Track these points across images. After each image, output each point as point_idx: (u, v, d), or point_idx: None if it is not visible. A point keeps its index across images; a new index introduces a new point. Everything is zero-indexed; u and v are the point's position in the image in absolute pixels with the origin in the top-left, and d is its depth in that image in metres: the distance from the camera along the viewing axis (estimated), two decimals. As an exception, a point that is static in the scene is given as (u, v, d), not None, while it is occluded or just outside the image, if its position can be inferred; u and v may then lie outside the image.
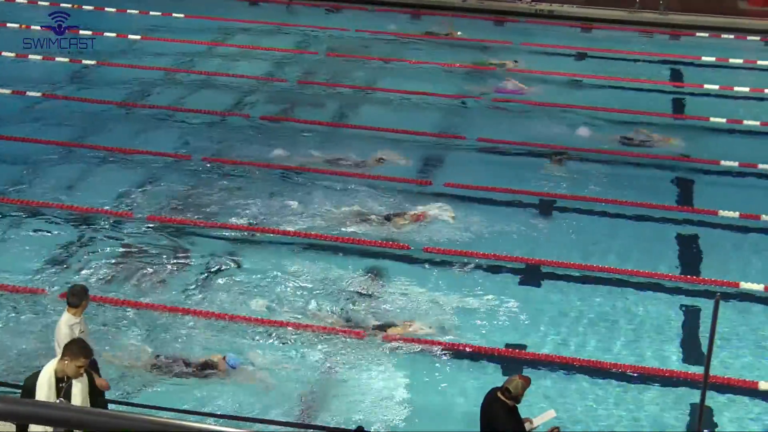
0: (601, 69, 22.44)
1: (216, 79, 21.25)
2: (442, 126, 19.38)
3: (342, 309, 12.87)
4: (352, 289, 13.32)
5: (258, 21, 24.82)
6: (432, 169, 17.38)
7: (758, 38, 24.87)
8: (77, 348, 8.60)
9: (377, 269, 13.92)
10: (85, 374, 8.66)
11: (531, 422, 9.48)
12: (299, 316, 12.68)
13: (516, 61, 22.47)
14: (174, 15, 24.92)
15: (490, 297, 13.19)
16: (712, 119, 19.57)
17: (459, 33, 24.48)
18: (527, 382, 9.14)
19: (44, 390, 8.54)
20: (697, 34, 24.99)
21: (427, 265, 14.09)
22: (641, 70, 22.45)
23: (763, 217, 15.59)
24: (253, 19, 24.99)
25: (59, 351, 9.18)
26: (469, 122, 19.55)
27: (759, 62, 23.09)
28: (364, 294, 13.26)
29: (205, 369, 11.49)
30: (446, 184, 16.61)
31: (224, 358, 11.61)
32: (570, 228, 15.33)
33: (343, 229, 14.87)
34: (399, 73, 22.05)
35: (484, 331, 12.53)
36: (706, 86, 21.35)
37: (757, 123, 19.49)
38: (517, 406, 9.13)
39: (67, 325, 9.83)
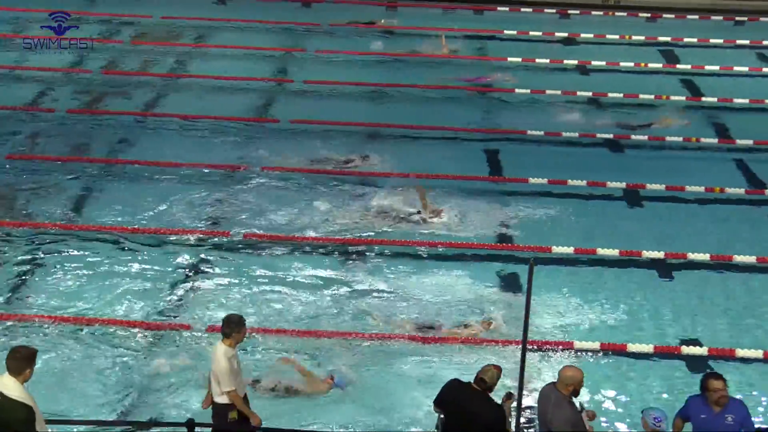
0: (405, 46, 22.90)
1: (14, 72, 20.38)
2: (257, 110, 19.32)
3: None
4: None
5: (57, 10, 23.89)
6: (249, 153, 17.28)
7: (554, 11, 25.95)
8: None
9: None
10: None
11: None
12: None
13: (444, 44, 22.59)
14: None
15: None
16: (517, 90, 20.32)
17: (382, 21, 24.48)
18: (500, 371, 9.10)
19: None
20: (499, 8, 25.86)
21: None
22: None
23: (570, 181, 16.27)
24: (52, 8, 24.03)
25: (216, 386, 9.32)
26: (282, 105, 19.56)
27: (556, 34, 24.11)
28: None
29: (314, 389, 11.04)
30: (264, 168, 16.59)
31: (332, 378, 11.12)
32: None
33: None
34: (209, 59, 21.81)
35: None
36: (509, 59, 22.13)
37: (559, 92, 20.33)
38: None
39: (225, 358, 9.34)
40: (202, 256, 13.88)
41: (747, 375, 11.60)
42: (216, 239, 14.28)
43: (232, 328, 9.38)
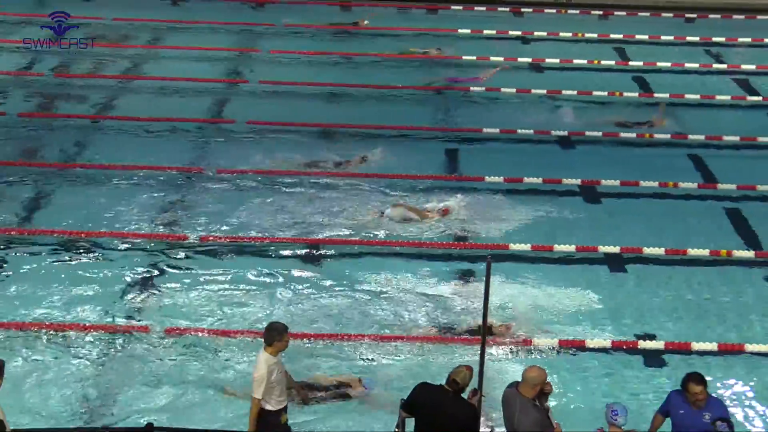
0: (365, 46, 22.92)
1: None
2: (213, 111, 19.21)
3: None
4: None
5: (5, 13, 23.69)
6: (205, 155, 17.18)
7: (508, 9, 26.10)
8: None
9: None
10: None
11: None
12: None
13: (439, 48, 22.57)
14: None
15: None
16: (473, 89, 20.40)
17: (366, 22, 24.40)
18: (472, 372, 9.08)
19: None
20: (453, 7, 25.96)
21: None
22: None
23: (526, 179, 16.36)
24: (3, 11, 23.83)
25: (256, 391, 9.27)
26: (238, 106, 19.47)
27: (510, 32, 24.25)
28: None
29: (340, 389, 10.95)
30: (219, 171, 16.49)
31: (360, 380, 11.02)
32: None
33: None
34: (163, 60, 21.66)
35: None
36: (464, 57, 22.20)
37: (513, 90, 20.44)
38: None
39: (265, 365, 9.30)
40: (159, 259, 13.76)
41: (702, 368, 11.71)
42: (172, 242, 14.18)
43: (274, 336, 9.38)
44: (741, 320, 12.83)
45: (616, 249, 14.28)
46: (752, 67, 22.34)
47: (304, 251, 14.11)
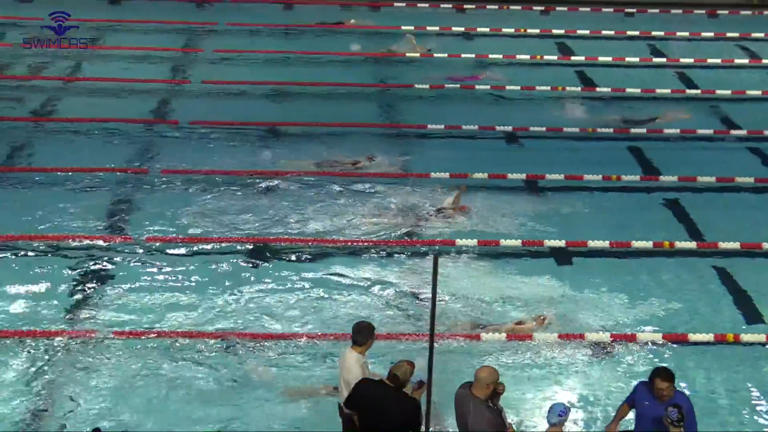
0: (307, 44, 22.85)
1: None
2: (156, 112, 19.03)
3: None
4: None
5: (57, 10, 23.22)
6: (149, 156, 17.01)
7: (450, 6, 26.19)
8: None
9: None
10: None
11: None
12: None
13: (429, 49, 22.54)
14: None
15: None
16: (417, 86, 20.46)
17: (352, 21, 24.36)
18: (413, 367, 9.08)
19: None
20: (396, 4, 26.05)
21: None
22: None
23: (471, 175, 16.43)
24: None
25: (346, 393, 9.25)
26: (181, 106, 19.31)
27: (453, 29, 24.34)
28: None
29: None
30: (164, 171, 16.35)
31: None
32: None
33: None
34: (104, 61, 21.39)
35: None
36: (407, 54, 22.32)
37: (458, 86, 20.52)
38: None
39: (358, 365, 9.36)
40: (103, 261, 13.59)
41: (647, 358, 11.90)
42: (117, 244, 14.01)
43: (365, 335, 9.49)
44: (688, 311, 13.01)
45: (561, 242, 14.41)
46: (690, 60, 22.70)
47: (248, 250, 14.03)
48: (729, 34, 24.65)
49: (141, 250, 13.90)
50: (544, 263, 14.02)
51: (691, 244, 14.59)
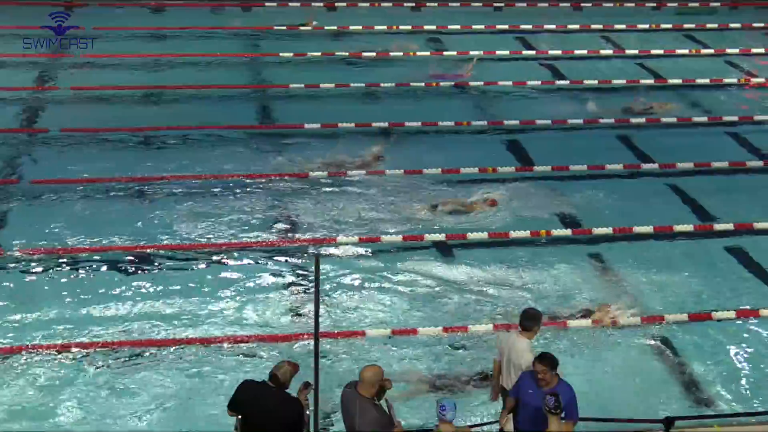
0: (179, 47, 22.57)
1: None
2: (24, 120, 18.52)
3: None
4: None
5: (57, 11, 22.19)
6: (18, 166, 16.55)
7: (321, 4, 26.27)
8: None
9: None
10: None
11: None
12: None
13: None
14: None
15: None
16: (292, 86, 20.47)
17: (315, 23, 24.13)
18: (295, 368, 8.99)
19: None
20: (267, 4, 25.96)
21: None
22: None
23: (348, 172, 16.53)
24: None
25: (511, 377, 9.68)
26: (50, 114, 18.83)
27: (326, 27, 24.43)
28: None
29: (484, 381, 11.25)
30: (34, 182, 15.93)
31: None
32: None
33: None
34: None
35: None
36: (281, 54, 22.30)
37: (332, 85, 20.60)
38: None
39: (529, 350, 9.64)
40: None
41: (574, 342, 12.32)
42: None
43: (535, 321, 9.86)
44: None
45: (484, 235, 14.69)
46: (558, 52, 23.31)
47: (128, 260, 13.82)
48: (593, 26, 25.37)
49: (13, 263, 13.52)
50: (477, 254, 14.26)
51: (567, 231, 15.02)
